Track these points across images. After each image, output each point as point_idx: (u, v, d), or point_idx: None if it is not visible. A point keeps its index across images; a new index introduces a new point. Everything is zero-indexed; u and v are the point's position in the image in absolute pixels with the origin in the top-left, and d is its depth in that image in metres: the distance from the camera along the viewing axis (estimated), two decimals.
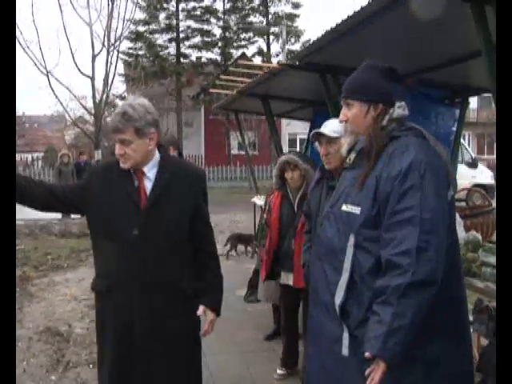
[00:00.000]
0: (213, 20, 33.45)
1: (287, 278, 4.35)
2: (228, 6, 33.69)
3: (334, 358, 2.31)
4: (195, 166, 3.50)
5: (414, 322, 2.05)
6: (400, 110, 2.39)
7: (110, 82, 24.92)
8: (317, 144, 3.46)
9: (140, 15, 31.36)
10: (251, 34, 33.89)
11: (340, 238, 2.31)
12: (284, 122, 27.32)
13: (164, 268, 2.64)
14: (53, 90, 23.70)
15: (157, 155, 2.73)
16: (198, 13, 32.95)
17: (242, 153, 26.92)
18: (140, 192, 2.67)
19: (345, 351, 2.25)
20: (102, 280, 2.72)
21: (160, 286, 2.63)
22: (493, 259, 3.59)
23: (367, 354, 2.07)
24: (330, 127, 3.37)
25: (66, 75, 54.33)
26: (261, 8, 33.72)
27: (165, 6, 32.37)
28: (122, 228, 2.61)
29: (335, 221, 2.37)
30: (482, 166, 17.01)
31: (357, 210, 2.26)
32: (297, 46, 32.36)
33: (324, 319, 2.37)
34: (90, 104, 26.19)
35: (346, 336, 2.24)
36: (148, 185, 2.69)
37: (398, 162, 2.18)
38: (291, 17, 33.45)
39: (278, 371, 4.57)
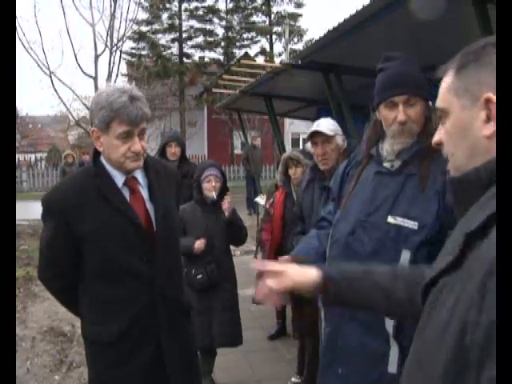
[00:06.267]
0: (215, 20, 33.42)
1: None
2: (231, 5, 33.63)
3: (377, 375, 2.18)
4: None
5: None
6: None
7: (112, 82, 24.91)
8: (308, 145, 3.41)
9: (143, 15, 31.34)
10: (254, 34, 33.84)
11: (387, 253, 2.13)
12: (287, 121, 27.28)
13: (173, 286, 2.37)
14: (56, 91, 23.65)
15: None
16: (201, 13, 32.92)
17: None
18: (137, 208, 2.25)
19: (391, 368, 2.13)
20: (107, 328, 2.24)
21: (172, 306, 2.33)
22: None
23: None
24: (325, 125, 3.31)
25: (68, 75, 54.44)
26: (263, 8, 33.66)
27: (167, 6, 32.33)
28: (131, 263, 2.22)
29: (375, 233, 2.18)
30: None
31: (411, 224, 2.12)
32: (300, 46, 32.30)
33: (362, 337, 2.21)
34: None
35: (394, 353, 2.13)
36: (143, 193, 2.30)
37: None
38: (294, 16, 33.40)
39: (293, 379, 4.41)
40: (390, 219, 2.15)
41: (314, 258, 2.31)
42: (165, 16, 32.64)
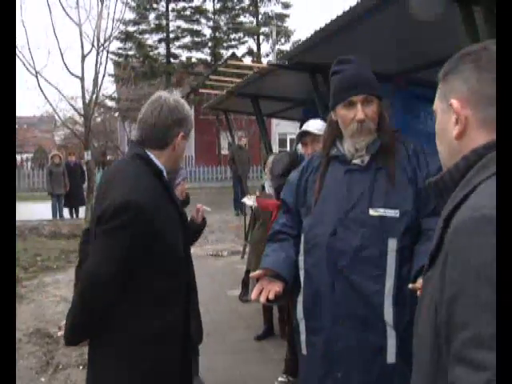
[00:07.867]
0: (203, 20, 33.39)
1: None
2: (218, 6, 33.62)
3: (378, 369, 2.22)
4: None
5: None
6: None
7: (99, 82, 24.72)
8: (299, 146, 3.49)
9: (130, 15, 31.23)
10: (241, 34, 33.86)
11: (374, 244, 2.21)
12: (274, 121, 27.31)
13: None
14: (42, 91, 23.38)
15: None
16: (188, 13, 32.88)
17: None
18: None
19: (390, 359, 2.20)
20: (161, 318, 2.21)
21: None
22: None
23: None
24: (314, 126, 3.40)
25: (55, 76, 54.08)
26: (251, 8, 33.69)
27: (154, 6, 32.27)
28: (187, 252, 2.45)
29: (359, 227, 2.24)
30: None
31: (393, 212, 2.21)
32: (287, 46, 32.35)
33: (361, 334, 2.23)
34: (79, 105, 26.03)
35: (392, 343, 2.20)
36: None
37: (431, 161, 2.24)
38: (281, 17, 33.46)
39: (280, 379, 4.38)
40: (372, 212, 2.23)
41: (286, 269, 2.37)
42: (152, 16, 32.59)
